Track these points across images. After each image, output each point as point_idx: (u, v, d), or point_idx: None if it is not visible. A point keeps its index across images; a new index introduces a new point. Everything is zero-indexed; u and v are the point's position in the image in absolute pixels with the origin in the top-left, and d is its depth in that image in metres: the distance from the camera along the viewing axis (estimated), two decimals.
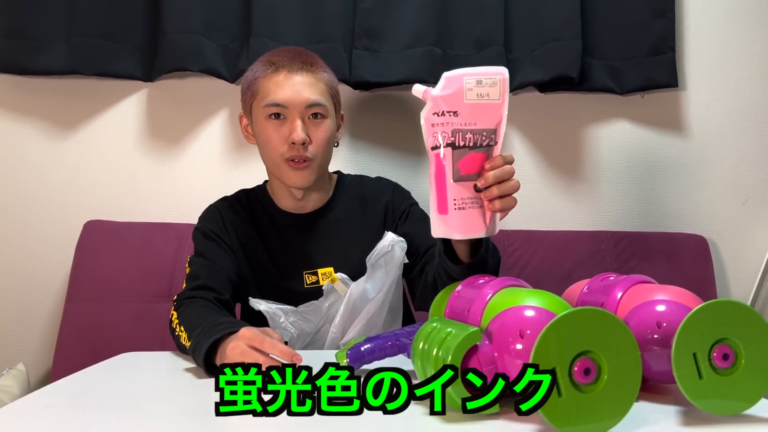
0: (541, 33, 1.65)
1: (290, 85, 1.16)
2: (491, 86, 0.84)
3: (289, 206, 1.27)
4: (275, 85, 1.16)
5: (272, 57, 1.20)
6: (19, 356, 1.66)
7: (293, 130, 1.15)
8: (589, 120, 1.76)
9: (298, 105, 1.16)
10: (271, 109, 1.17)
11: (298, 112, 1.16)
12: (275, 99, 1.16)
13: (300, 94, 1.16)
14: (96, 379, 0.92)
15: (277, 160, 1.19)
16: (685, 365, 0.63)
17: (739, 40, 1.76)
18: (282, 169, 1.19)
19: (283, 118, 1.17)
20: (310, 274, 1.23)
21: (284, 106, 1.16)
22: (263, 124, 1.18)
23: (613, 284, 0.83)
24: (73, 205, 1.70)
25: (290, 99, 1.16)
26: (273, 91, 1.16)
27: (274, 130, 1.17)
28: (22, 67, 1.64)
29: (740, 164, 1.77)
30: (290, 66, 1.17)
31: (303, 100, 1.16)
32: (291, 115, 1.16)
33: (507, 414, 0.69)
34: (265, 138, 1.19)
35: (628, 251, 1.65)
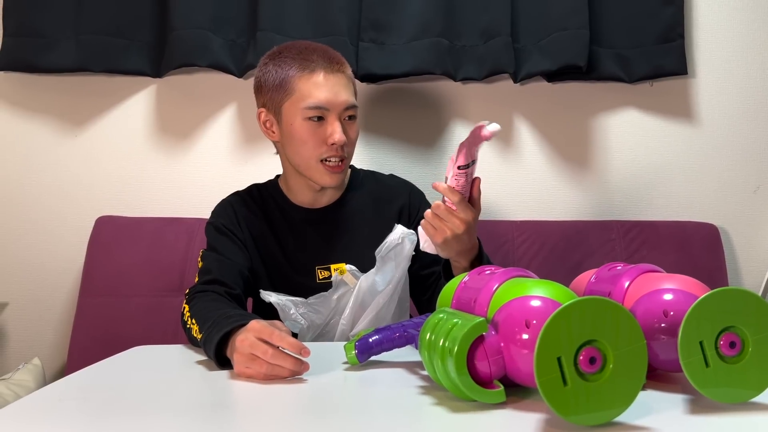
0: (548, 22, 1.64)
1: (330, 87, 1.17)
2: None
3: (303, 201, 1.28)
4: (315, 87, 1.17)
5: (305, 56, 1.20)
6: (34, 351, 1.68)
7: (334, 132, 1.17)
8: (597, 109, 1.75)
9: (338, 107, 1.18)
10: (313, 112, 1.17)
11: (337, 113, 1.18)
12: (318, 102, 1.17)
13: (339, 97, 1.18)
14: (108, 372, 0.93)
15: (313, 161, 1.20)
16: (691, 354, 0.63)
17: (749, 27, 1.74)
18: (316, 170, 1.21)
19: (323, 119, 1.18)
20: (323, 269, 1.24)
21: (326, 109, 1.17)
22: (300, 125, 1.19)
23: (620, 273, 0.83)
24: (84, 202, 1.72)
25: (332, 101, 1.17)
26: (314, 93, 1.17)
27: (311, 131, 1.18)
28: (32, 65, 1.65)
29: (751, 152, 1.75)
30: (326, 67, 1.18)
31: (342, 102, 1.18)
32: (330, 117, 1.18)
33: (514, 403, 0.69)
34: (301, 139, 1.19)
35: (638, 240, 1.65)
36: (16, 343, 1.72)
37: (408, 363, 0.90)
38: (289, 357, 0.84)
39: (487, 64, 1.64)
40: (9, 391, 1.42)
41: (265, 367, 0.84)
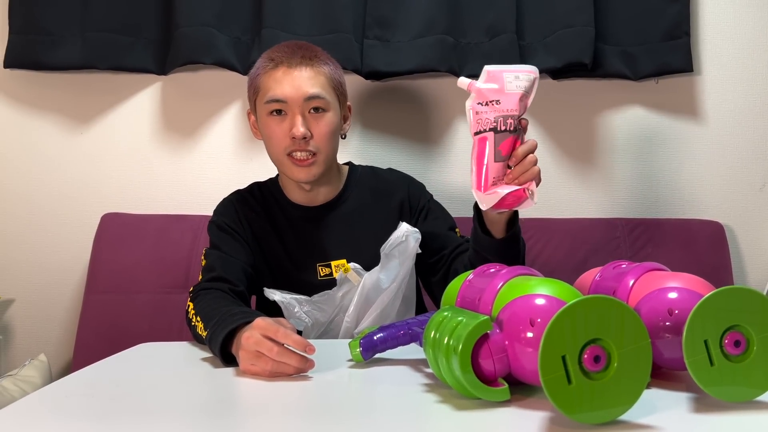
0: (553, 19, 1.64)
1: (289, 81, 1.16)
2: (526, 81, 0.98)
3: (300, 199, 1.27)
4: (274, 81, 1.17)
5: (272, 53, 1.21)
6: (40, 347, 1.69)
7: (293, 125, 1.16)
8: (603, 106, 1.75)
9: (297, 99, 1.16)
10: (272, 106, 1.18)
11: (298, 106, 1.17)
12: (274, 95, 1.17)
13: (298, 89, 1.16)
14: (114, 369, 0.93)
15: (280, 156, 1.20)
16: (696, 352, 0.63)
17: (755, 24, 1.73)
18: (285, 165, 1.21)
19: (284, 113, 1.18)
20: (324, 266, 1.24)
21: (284, 101, 1.17)
22: (265, 121, 1.20)
23: (625, 272, 0.83)
24: (90, 199, 1.72)
25: (289, 94, 1.16)
26: (272, 87, 1.17)
27: (276, 125, 1.18)
28: (38, 63, 1.66)
29: (757, 149, 1.75)
30: (289, 61, 1.18)
31: (301, 95, 1.16)
32: (291, 111, 1.17)
33: (518, 401, 0.69)
34: (267, 134, 1.20)
35: (643, 238, 1.64)
36: (23, 340, 1.73)
37: (412, 361, 0.90)
38: (294, 354, 0.85)
39: (492, 61, 1.62)
40: (15, 387, 1.43)
41: (270, 365, 0.84)
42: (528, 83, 0.98)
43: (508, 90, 0.97)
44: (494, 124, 0.97)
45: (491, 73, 0.98)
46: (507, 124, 0.97)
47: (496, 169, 0.98)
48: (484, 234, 1.08)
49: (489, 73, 0.98)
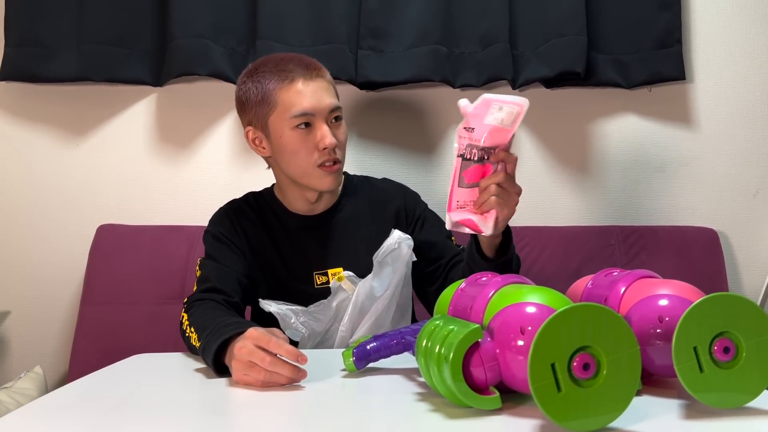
0: (546, 29, 1.65)
1: (311, 93, 1.17)
2: (509, 114, 0.97)
3: (299, 208, 1.28)
4: (297, 95, 1.16)
5: (282, 67, 1.19)
6: (36, 359, 1.69)
7: (324, 136, 1.17)
8: (596, 115, 1.76)
9: (323, 111, 1.17)
10: (300, 119, 1.17)
11: (324, 117, 1.18)
12: (303, 108, 1.16)
13: (322, 101, 1.17)
14: (108, 380, 0.93)
15: (309, 168, 1.19)
16: (685, 359, 0.64)
17: (747, 31, 1.75)
18: (313, 176, 1.20)
19: (310, 126, 1.18)
20: (321, 274, 1.24)
21: (312, 114, 1.17)
22: (290, 136, 1.18)
23: (616, 279, 0.83)
24: (85, 210, 1.73)
25: (316, 106, 1.17)
26: (297, 102, 1.16)
27: (301, 140, 1.18)
28: (33, 75, 1.66)
29: (750, 156, 1.75)
30: (304, 74, 1.18)
31: (326, 106, 1.18)
32: (317, 122, 1.18)
33: (509, 409, 0.70)
34: (292, 149, 1.19)
35: (637, 246, 1.65)
36: (18, 352, 1.72)
37: (405, 370, 0.90)
38: (287, 364, 0.85)
39: (485, 70, 1.65)
40: (11, 400, 1.42)
41: (263, 375, 0.84)
42: (508, 116, 0.97)
43: (486, 121, 0.98)
44: (463, 151, 1.00)
45: (484, 100, 1.00)
46: (472, 153, 1.00)
47: (459, 194, 1.02)
48: (478, 254, 1.10)
49: (482, 101, 1.01)
